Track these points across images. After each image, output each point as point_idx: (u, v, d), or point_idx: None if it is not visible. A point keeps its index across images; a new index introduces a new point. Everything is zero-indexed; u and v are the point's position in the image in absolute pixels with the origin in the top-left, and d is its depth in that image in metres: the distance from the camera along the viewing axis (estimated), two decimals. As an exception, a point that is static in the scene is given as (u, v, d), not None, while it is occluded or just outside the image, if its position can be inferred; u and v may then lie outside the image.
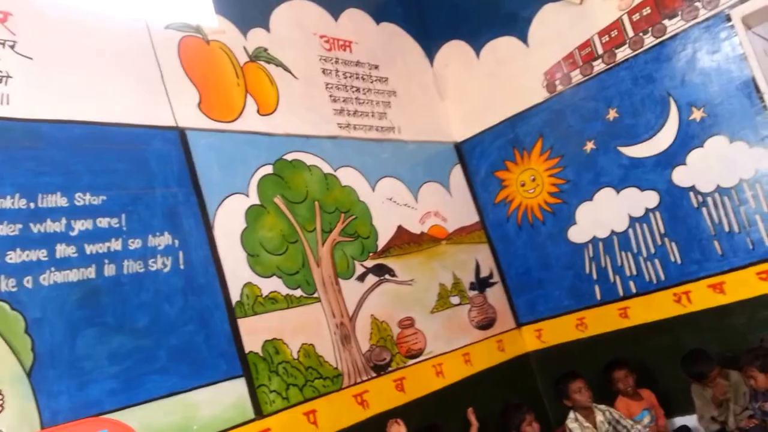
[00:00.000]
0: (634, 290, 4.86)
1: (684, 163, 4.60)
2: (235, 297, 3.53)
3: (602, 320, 5.00)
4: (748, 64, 4.31)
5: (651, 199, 4.76)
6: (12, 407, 2.61)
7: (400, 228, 4.76)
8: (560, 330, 5.22)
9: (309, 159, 4.33)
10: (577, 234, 5.12)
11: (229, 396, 3.30)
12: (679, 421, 4.55)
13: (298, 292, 3.87)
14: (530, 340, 5.38)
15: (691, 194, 4.58)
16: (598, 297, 5.03)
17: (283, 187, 4.08)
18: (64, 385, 2.79)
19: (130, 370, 3.00)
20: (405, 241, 4.76)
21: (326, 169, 4.42)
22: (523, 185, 5.39)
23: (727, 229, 4.45)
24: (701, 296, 4.55)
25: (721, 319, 4.45)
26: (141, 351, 3.07)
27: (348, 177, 4.55)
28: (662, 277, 4.73)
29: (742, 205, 4.38)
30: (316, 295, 3.96)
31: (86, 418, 2.80)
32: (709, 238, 4.53)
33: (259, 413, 3.38)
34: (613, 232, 4.95)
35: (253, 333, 3.54)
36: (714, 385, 4.14)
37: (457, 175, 5.55)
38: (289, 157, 4.22)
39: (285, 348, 3.66)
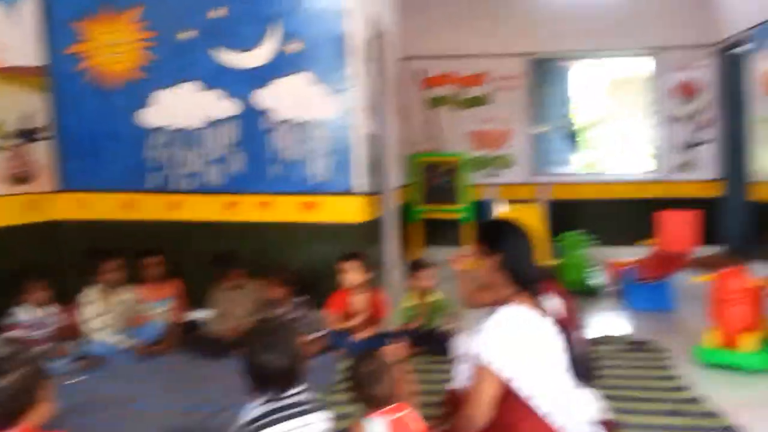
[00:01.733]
0: (190, 187, 4.92)
1: (268, 86, 4.79)
2: None
3: (150, 208, 4.94)
4: (343, 21, 4.67)
5: (232, 108, 4.84)
6: None
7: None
8: (105, 206, 4.98)
9: None
10: (150, 117, 4.92)
11: None
12: (195, 314, 4.80)
13: None
14: (69, 207, 4.99)
15: (267, 116, 4.82)
16: (152, 184, 4.95)
17: None
18: None
19: None
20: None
21: None
22: (107, 47, 4.90)
23: (285, 156, 4.83)
24: (249, 209, 4.87)
25: (261, 233, 4.83)
26: None
27: None
28: (219, 182, 4.90)
29: (304, 141, 4.79)
30: None
31: None
32: (269, 160, 4.84)
33: None
34: (186, 128, 4.90)
35: None
36: (237, 286, 4.49)
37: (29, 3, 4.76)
38: None
39: None
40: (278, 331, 2.11)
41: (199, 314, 4.72)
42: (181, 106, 4.88)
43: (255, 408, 2.00)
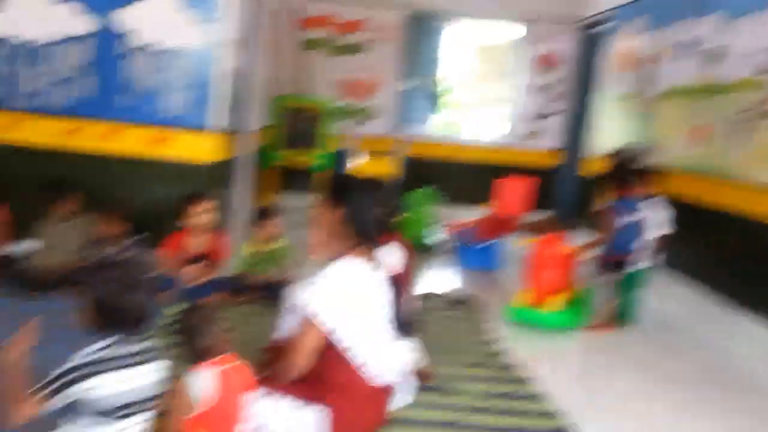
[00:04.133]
0: (26, 107, 4.60)
1: (131, 6, 4.54)
2: None
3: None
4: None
5: (88, 25, 4.55)
6: None
7: None
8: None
9: None
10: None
11: None
12: (18, 246, 4.52)
13: None
14: None
15: (125, 39, 4.57)
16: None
17: None
18: None
19: None
20: None
21: None
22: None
23: (138, 85, 4.62)
24: (92, 138, 4.63)
25: (102, 165, 4.61)
26: None
27: None
28: (62, 105, 4.61)
29: (162, 71, 4.59)
30: None
31: None
32: (120, 88, 4.61)
33: None
34: (33, 40, 4.55)
35: None
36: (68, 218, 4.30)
37: None
38: None
39: None
40: (139, 270, 1.99)
41: (22, 246, 4.48)
42: (29, 17, 4.50)
43: (98, 350, 1.88)
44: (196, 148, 4.67)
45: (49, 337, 1.97)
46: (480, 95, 10.93)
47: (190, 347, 2.15)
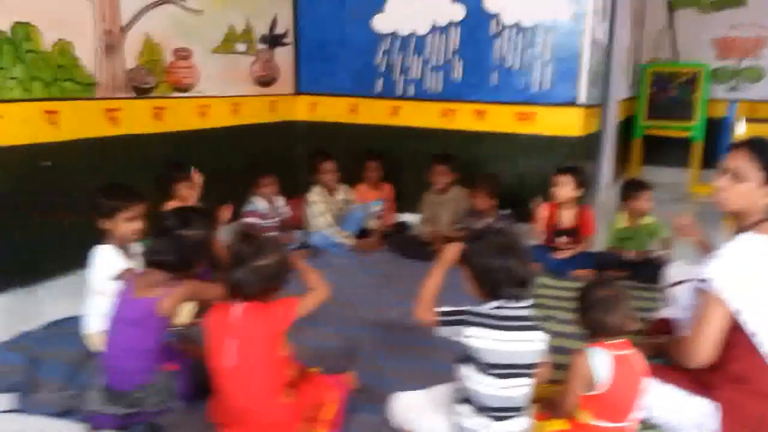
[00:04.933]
0: (411, 93, 5.08)
1: (499, -12, 4.68)
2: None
3: (374, 112, 5.20)
4: None
5: (458, 12, 4.82)
6: None
7: (203, -51, 4.26)
8: (333, 109, 5.34)
9: None
10: (381, 23, 5.07)
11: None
12: (405, 217, 5.11)
13: (67, -21, 3.34)
14: (302, 109, 5.44)
15: (493, 22, 4.73)
16: (377, 90, 5.18)
17: None
18: None
19: None
20: (205, -35, 4.30)
21: None
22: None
23: (507, 64, 4.75)
24: (464, 117, 4.92)
25: (472, 142, 4.89)
26: None
27: None
28: (439, 89, 4.98)
29: (528, 47, 4.66)
30: (87, -11, 3.46)
31: None
32: (490, 68, 4.80)
33: (-7, 94, 3.02)
34: (413, 33, 5.00)
35: (4, 8, 3.03)
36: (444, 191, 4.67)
37: None
38: None
39: (38, 36, 3.21)
40: (512, 239, 2.07)
41: (408, 217, 5.00)
42: (411, 12, 4.95)
43: (482, 311, 2.01)
44: (562, 123, 4.62)
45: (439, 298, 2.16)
46: None
47: (591, 322, 2.09)
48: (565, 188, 4.09)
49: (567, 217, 4.16)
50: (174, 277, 2.28)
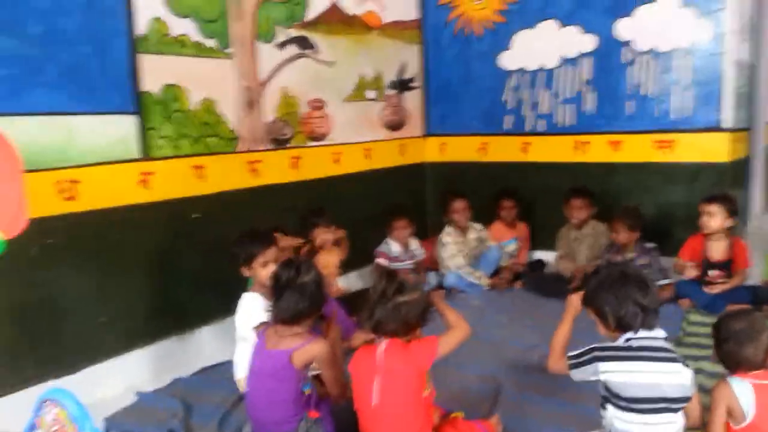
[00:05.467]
0: (541, 129, 4.99)
1: (630, 15, 4.52)
2: (140, 29, 3.28)
3: (504, 149, 5.15)
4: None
5: (588, 43, 4.71)
6: None
7: (334, 5, 4.49)
8: (463, 149, 5.35)
9: None
10: (508, 60, 5.07)
11: (117, 130, 3.18)
12: (539, 254, 4.97)
13: (211, 43, 3.65)
14: (432, 151, 5.51)
15: (625, 49, 4.57)
16: (506, 127, 5.13)
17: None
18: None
19: (14, 78, 2.80)
20: (336, 19, 4.52)
21: None
22: (470, -4, 5.18)
23: (642, 92, 4.55)
24: (598, 149, 4.75)
25: (608, 174, 4.70)
26: (29, 60, 2.85)
27: (290, -67, 4.13)
28: (571, 122, 4.86)
29: (665, 72, 4.44)
30: (229, 51, 3.75)
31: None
32: (624, 97, 4.62)
33: (146, 155, 3.32)
34: (541, 68, 4.94)
35: (154, 72, 3.35)
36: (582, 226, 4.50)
37: (406, -36, 5.23)
38: None
39: (184, 97, 3.52)
40: (634, 268, 2.08)
41: (542, 254, 4.86)
42: (538, 46, 4.91)
43: (617, 343, 1.98)
44: (706, 149, 4.36)
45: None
46: None
47: (730, 355, 2.01)
48: (716, 218, 3.80)
49: (717, 250, 3.85)
50: (303, 326, 2.32)
